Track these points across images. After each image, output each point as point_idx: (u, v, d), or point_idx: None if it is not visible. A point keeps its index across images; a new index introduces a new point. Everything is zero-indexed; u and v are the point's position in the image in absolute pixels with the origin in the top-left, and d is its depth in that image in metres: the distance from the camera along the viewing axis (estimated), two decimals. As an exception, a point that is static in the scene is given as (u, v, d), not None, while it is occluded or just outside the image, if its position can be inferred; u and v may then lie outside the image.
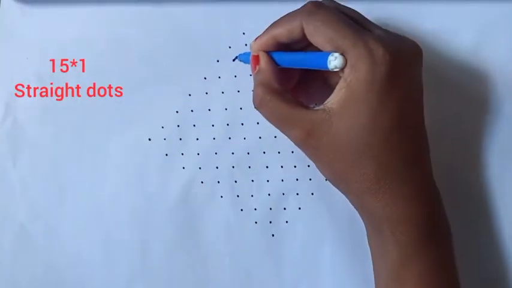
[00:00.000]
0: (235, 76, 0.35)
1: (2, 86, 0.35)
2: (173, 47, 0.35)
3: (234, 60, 0.33)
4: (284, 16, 0.28)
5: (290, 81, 0.31)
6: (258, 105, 0.28)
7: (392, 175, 0.26)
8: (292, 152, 0.34)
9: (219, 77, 0.35)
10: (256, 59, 0.29)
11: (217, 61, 0.35)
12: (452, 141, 0.34)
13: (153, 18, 0.35)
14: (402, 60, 0.26)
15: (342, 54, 0.25)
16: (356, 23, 0.27)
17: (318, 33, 0.26)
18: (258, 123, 0.34)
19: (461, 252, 0.29)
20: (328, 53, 0.26)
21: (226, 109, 0.35)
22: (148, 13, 0.35)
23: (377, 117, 0.26)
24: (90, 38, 0.35)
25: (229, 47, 0.35)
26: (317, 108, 0.27)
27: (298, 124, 0.27)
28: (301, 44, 0.29)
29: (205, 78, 0.35)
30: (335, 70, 0.26)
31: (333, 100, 0.26)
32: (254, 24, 0.34)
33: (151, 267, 0.34)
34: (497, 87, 0.34)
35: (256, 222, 0.34)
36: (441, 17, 0.34)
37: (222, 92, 0.35)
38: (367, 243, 0.29)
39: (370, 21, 0.29)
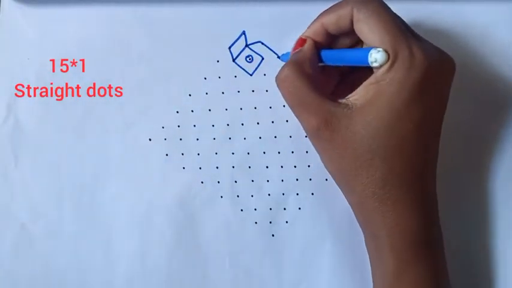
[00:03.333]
0: (235, 76, 0.35)
1: (3, 86, 0.35)
2: (173, 47, 0.35)
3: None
4: (334, 4, 0.28)
5: (329, 84, 0.31)
6: (280, 81, 0.28)
7: (399, 182, 0.26)
8: (292, 152, 0.34)
9: (219, 77, 0.35)
10: (302, 41, 0.29)
11: (217, 61, 0.35)
12: (454, 144, 0.34)
13: (153, 18, 0.35)
14: (437, 72, 0.26)
15: (385, 50, 0.25)
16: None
17: (365, 23, 0.26)
18: (258, 123, 0.34)
19: (458, 253, 0.29)
20: (371, 48, 0.25)
21: (226, 109, 0.35)
22: (148, 13, 0.35)
23: (399, 121, 0.25)
24: (90, 38, 0.35)
25: (229, 47, 0.35)
26: (339, 100, 0.27)
27: (317, 112, 0.27)
28: (347, 41, 0.29)
29: (205, 78, 0.35)
30: (374, 64, 0.25)
31: (357, 95, 0.26)
32: (254, 24, 0.35)
33: (151, 267, 0.34)
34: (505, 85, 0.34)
35: (256, 222, 0.34)
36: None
37: (222, 92, 0.35)
38: (359, 234, 0.29)
39: (414, 31, 0.28)
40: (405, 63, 0.25)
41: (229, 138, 0.35)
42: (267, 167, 0.34)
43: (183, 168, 0.34)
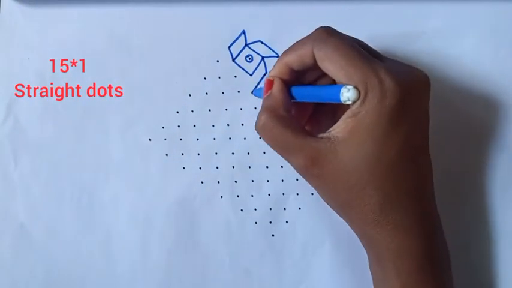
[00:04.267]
0: (236, 76, 0.35)
1: (3, 86, 0.35)
2: (173, 47, 0.35)
3: (252, 91, 0.34)
4: (295, 42, 0.28)
5: (303, 116, 0.31)
6: (260, 129, 0.28)
7: (395, 207, 0.26)
8: (292, 152, 0.34)
9: (219, 77, 0.35)
10: (270, 83, 0.29)
11: (217, 61, 0.35)
12: (452, 147, 0.34)
13: (153, 18, 0.35)
14: (411, 93, 0.26)
15: (355, 87, 0.25)
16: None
17: (328, 60, 0.26)
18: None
19: (458, 255, 0.29)
20: (341, 86, 0.25)
21: (226, 109, 0.35)
22: (148, 13, 0.35)
23: (383, 149, 0.25)
24: (90, 38, 0.35)
25: (229, 47, 0.35)
26: (321, 135, 0.26)
27: (302, 152, 0.27)
28: (314, 74, 0.29)
29: (205, 78, 0.35)
30: (347, 103, 0.25)
31: (338, 129, 0.26)
32: (254, 24, 0.35)
33: (151, 267, 0.34)
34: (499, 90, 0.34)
35: (256, 222, 0.34)
36: (444, 17, 0.34)
37: (222, 92, 0.35)
38: (369, 269, 0.29)
39: (377, 52, 0.28)
40: (377, 93, 0.25)
41: (229, 138, 0.35)
42: (267, 167, 0.34)
43: (183, 168, 0.34)
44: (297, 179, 0.34)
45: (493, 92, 0.34)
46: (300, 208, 0.34)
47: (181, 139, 0.35)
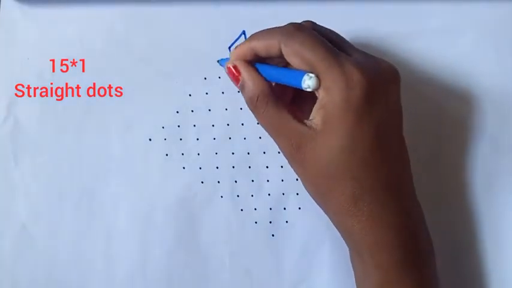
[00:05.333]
0: (235, 76, 0.35)
1: (3, 86, 0.35)
2: (173, 47, 0.35)
3: (218, 61, 0.33)
4: (264, 30, 0.28)
5: (286, 95, 0.31)
6: (254, 108, 0.28)
7: (371, 197, 0.26)
8: (292, 152, 0.34)
9: (219, 77, 0.35)
10: (235, 70, 0.29)
11: (217, 61, 0.35)
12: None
13: (153, 18, 0.35)
14: (378, 84, 0.26)
15: (315, 75, 0.25)
16: (335, 46, 0.27)
17: (294, 55, 0.26)
18: (258, 123, 0.34)
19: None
20: (304, 72, 0.26)
21: (226, 109, 0.35)
22: (148, 13, 0.35)
23: (355, 139, 0.26)
24: (90, 38, 0.35)
25: (229, 47, 0.35)
26: (306, 121, 0.27)
27: (289, 135, 0.27)
28: (280, 60, 0.28)
29: (205, 78, 0.35)
30: (307, 90, 0.26)
31: (315, 119, 0.26)
32: (254, 24, 0.34)
33: (151, 267, 0.34)
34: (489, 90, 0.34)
35: (256, 222, 0.34)
36: (442, 17, 0.34)
37: (222, 92, 0.35)
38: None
39: (349, 44, 0.29)
40: (341, 85, 0.25)
41: (229, 138, 0.35)
42: (267, 167, 0.34)
43: (183, 168, 0.34)
44: (296, 179, 0.34)
45: (494, 91, 0.34)
46: (300, 208, 0.34)
47: (181, 139, 0.35)
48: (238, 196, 0.34)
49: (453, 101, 0.34)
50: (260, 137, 0.34)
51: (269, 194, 0.34)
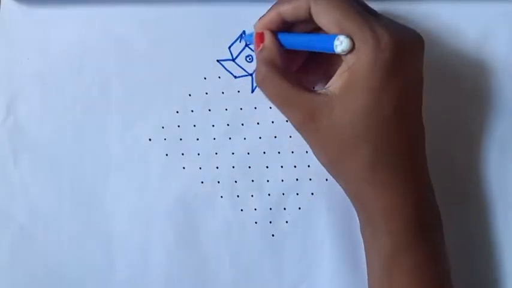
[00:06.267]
0: (236, 76, 0.35)
1: (3, 86, 0.35)
2: (173, 47, 0.35)
3: (239, 40, 0.33)
4: None
5: (295, 63, 0.31)
6: (260, 82, 0.28)
7: (386, 165, 0.26)
8: (292, 152, 0.34)
9: (219, 77, 0.35)
10: (260, 37, 0.29)
11: (217, 61, 0.35)
12: (451, 136, 0.34)
13: (153, 18, 0.35)
14: (405, 49, 0.26)
15: (349, 37, 0.25)
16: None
17: (324, 14, 0.26)
18: (258, 123, 0.34)
19: (457, 250, 0.29)
20: (335, 36, 0.25)
21: (226, 109, 0.35)
22: (148, 13, 0.35)
23: (377, 102, 0.26)
24: (90, 38, 0.35)
25: (229, 47, 0.35)
26: (319, 91, 0.27)
27: (300, 106, 0.27)
28: (306, 26, 0.28)
29: (205, 78, 0.35)
30: (341, 53, 0.25)
31: (335, 84, 0.26)
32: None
33: (151, 267, 0.34)
34: (498, 84, 0.34)
35: (256, 222, 0.34)
36: (444, 15, 0.34)
37: (222, 92, 0.35)
38: (360, 234, 0.29)
39: (374, 10, 0.29)
40: (371, 46, 0.25)
41: (229, 138, 0.35)
42: (267, 167, 0.34)
43: (183, 168, 0.34)
44: (296, 179, 0.34)
45: (494, 91, 0.34)
46: (300, 208, 0.34)
47: (181, 139, 0.35)
48: (238, 196, 0.34)
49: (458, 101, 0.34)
50: (260, 137, 0.34)
51: (269, 194, 0.34)
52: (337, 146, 0.27)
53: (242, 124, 0.35)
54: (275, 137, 0.34)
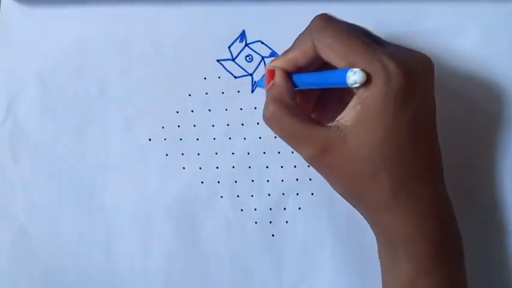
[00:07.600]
0: (235, 76, 0.35)
1: (3, 86, 0.35)
2: (173, 47, 0.35)
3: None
4: (295, 39, 0.28)
5: (308, 103, 0.31)
6: (268, 119, 0.28)
7: (407, 192, 0.26)
8: (292, 152, 0.34)
9: (219, 77, 0.35)
10: (271, 73, 0.28)
11: (217, 61, 0.35)
12: (451, 136, 0.34)
13: (153, 18, 0.35)
14: (415, 76, 0.26)
15: (361, 69, 0.25)
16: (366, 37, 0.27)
17: (330, 50, 0.26)
18: (258, 123, 0.34)
19: (470, 253, 0.29)
20: (347, 69, 0.25)
21: (226, 109, 0.35)
22: (148, 13, 0.35)
23: (392, 133, 0.25)
24: (90, 38, 0.35)
25: (229, 47, 0.35)
26: (330, 124, 0.26)
27: (312, 142, 0.26)
28: (315, 64, 0.28)
29: (205, 78, 0.35)
30: (354, 86, 0.25)
31: (347, 117, 0.26)
32: (254, 24, 0.35)
33: (151, 267, 0.34)
34: (498, 84, 0.34)
35: (256, 222, 0.34)
36: (444, 16, 0.34)
37: (222, 92, 0.35)
38: (378, 257, 0.29)
39: (377, 36, 0.28)
40: (381, 78, 0.25)
41: (229, 138, 0.35)
42: (267, 167, 0.34)
43: (183, 168, 0.34)
44: (296, 179, 0.34)
45: (494, 91, 0.34)
46: (300, 208, 0.34)
47: (181, 139, 0.35)
48: (238, 196, 0.34)
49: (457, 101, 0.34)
50: (260, 137, 0.34)
51: (269, 194, 0.34)
52: (354, 179, 0.26)
53: (242, 124, 0.35)
54: (275, 137, 0.34)
